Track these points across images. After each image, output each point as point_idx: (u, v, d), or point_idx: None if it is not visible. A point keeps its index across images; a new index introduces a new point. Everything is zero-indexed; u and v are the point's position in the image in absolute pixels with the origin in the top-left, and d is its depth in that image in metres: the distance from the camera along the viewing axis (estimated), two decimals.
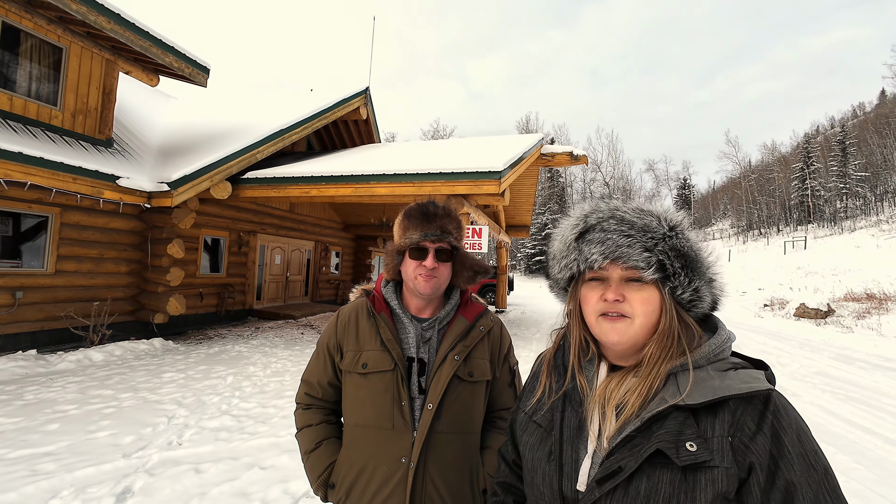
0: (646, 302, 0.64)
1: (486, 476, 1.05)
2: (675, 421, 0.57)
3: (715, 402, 0.57)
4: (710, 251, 0.69)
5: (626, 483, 0.57)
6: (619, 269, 0.66)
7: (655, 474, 0.56)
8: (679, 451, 0.55)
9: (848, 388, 5.33)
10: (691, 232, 0.68)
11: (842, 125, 45.24)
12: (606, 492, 0.58)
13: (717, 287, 0.68)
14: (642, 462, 0.57)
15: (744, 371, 0.60)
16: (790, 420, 0.56)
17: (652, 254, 0.64)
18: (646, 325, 0.64)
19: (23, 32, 5.58)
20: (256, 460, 2.82)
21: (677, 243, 0.65)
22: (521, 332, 9.05)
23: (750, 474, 0.54)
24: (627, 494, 0.57)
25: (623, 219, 0.67)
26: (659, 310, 0.65)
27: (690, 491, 0.54)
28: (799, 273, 21.72)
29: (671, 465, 0.56)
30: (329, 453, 1.08)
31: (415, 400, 1.02)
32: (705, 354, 0.62)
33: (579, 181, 57.60)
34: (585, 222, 0.70)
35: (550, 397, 0.73)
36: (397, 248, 1.08)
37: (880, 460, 3.26)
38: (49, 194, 5.61)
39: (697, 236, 0.69)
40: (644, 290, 0.65)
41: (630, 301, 0.64)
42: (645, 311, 0.64)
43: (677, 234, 0.66)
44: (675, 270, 0.65)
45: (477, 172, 5.94)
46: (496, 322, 1.15)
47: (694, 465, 0.55)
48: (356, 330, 1.08)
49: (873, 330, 10.13)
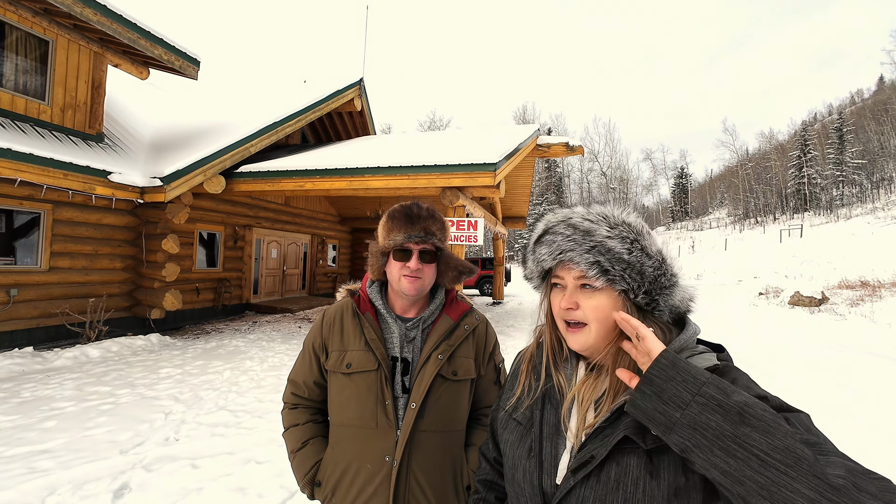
0: (597, 309, 0.66)
1: (469, 473, 1.06)
2: None
3: None
4: (662, 253, 0.68)
5: (598, 470, 0.60)
6: (573, 275, 0.68)
7: (624, 460, 0.59)
8: (645, 436, 0.58)
9: (840, 376, 5.40)
10: (641, 235, 0.67)
11: (839, 112, 45.09)
12: (580, 480, 0.61)
13: (680, 289, 0.67)
14: (612, 449, 0.60)
15: (699, 356, 0.64)
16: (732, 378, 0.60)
17: (591, 255, 0.65)
18: (601, 332, 0.66)
19: (7, 25, 5.47)
20: (253, 455, 2.84)
21: (615, 245, 0.65)
22: (517, 324, 9.10)
23: None
24: (599, 481, 0.60)
25: (571, 222, 0.69)
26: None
27: (655, 471, 0.58)
28: (794, 261, 21.86)
29: (638, 449, 0.59)
30: (315, 452, 1.09)
31: (398, 399, 1.03)
32: (674, 349, 0.64)
33: (576, 171, 57.50)
34: (545, 227, 0.73)
35: (530, 396, 0.75)
36: (381, 250, 1.08)
37: (872, 448, 3.32)
38: (40, 191, 5.56)
39: (645, 238, 0.67)
40: (595, 296, 0.66)
41: (583, 308, 0.67)
42: (597, 317, 0.66)
43: (615, 237, 0.66)
44: (618, 274, 0.64)
45: (472, 165, 5.91)
46: (481, 320, 1.16)
47: (658, 448, 0.58)
48: (341, 330, 1.09)
49: (866, 317, 10.23)
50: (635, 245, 0.66)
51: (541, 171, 48.63)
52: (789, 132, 52.45)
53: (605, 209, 0.70)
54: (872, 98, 48.73)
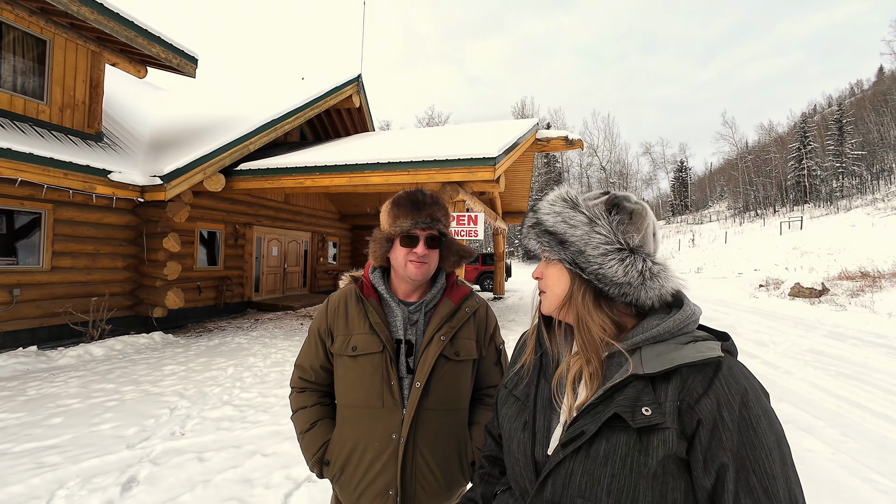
0: (548, 277, 0.73)
1: (473, 450, 1.10)
2: (634, 389, 0.61)
3: (671, 371, 0.61)
4: (595, 222, 0.68)
5: (588, 445, 0.62)
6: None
7: (613, 437, 0.60)
8: (634, 415, 0.59)
9: (839, 365, 5.43)
10: (572, 208, 0.69)
11: (839, 104, 44.91)
12: (570, 453, 0.63)
13: (630, 262, 0.65)
14: (602, 426, 0.61)
15: (702, 343, 0.62)
16: (738, 386, 0.58)
17: (534, 230, 0.73)
18: (554, 300, 0.72)
19: (4, 24, 5.47)
20: (258, 448, 2.87)
21: (545, 219, 0.71)
22: (518, 318, 9.12)
23: (695, 436, 0.58)
24: (588, 456, 0.61)
25: (536, 205, 0.76)
26: (569, 286, 0.70)
27: (644, 450, 0.58)
28: (794, 253, 21.87)
29: (628, 428, 0.60)
30: (323, 433, 1.12)
31: (403, 379, 1.06)
32: (668, 328, 0.64)
33: (576, 166, 57.38)
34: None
35: (529, 372, 0.77)
36: (386, 236, 1.10)
37: (868, 432, 3.35)
38: (41, 190, 5.57)
39: (574, 212, 0.69)
40: (549, 267, 0.73)
41: (546, 276, 0.73)
42: (551, 285, 0.72)
43: (548, 213, 0.71)
44: (545, 245, 0.70)
45: (472, 159, 5.91)
46: (481, 303, 1.19)
47: (647, 427, 0.59)
48: (346, 315, 1.12)
49: (866, 307, 10.26)
50: (560, 217, 0.69)
51: (540, 167, 48.55)
52: (789, 124, 52.27)
53: (562, 190, 0.74)
54: (872, 89, 48.46)
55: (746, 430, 0.55)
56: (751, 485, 0.54)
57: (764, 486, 0.53)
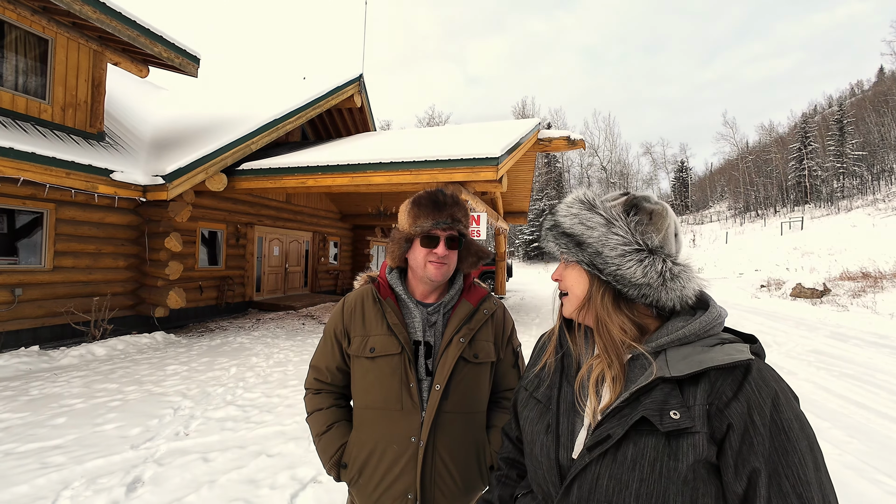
0: (570, 279, 0.72)
1: (492, 453, 1.08)
2: (662, 392, 0.60)
3: (699, 374, 0.59)
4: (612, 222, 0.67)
5: (615, 449, 0.61)
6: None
7: (641, 440, 0.59)
8: (663, 418, 0.58)
9: (842, 365, 5.42)
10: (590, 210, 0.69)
11: (839, 104, 44.88)
12: (596, 457, 0.62)
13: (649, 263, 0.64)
14: (629, 430, 0.60)
15: (729, 345, 0.61)
16: (768, 389, 0.57)
17: (552, 232, 0.73)
18: (574, 302, 0.72)
19: (6, 24, 5.45)
20: (263, 448, 2.87)
21: (563, 221, 0.71)
22: (520, 318, 9.12)
23: (725, 440, 0.57)
24: (616, 460, 0.60)
25: (554, 207, 0.76)
26: (588, 288, 0.70)
27: (673, 454, 0.57)
28: (796, 253, 21.86)
29: (656, 431, 0.59)
30: (340, 435, 1.11)
31: (422, 382, 1.05)
32: (695, 331, 0.63)
33: (576, 166, 57.35)
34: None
35: (550, 374, 0.76)
36: (406, 236, 1.08)
37: (873, 433, 3.34)
38: (43, 190, 5.56)
39: (591, 214, 0.69)
40: (568, 269, 0.73)
41: (565, 278, 0.74)
42: (570, 286, 0.72)
43: (565, 214, 0.71)
44: (563, 247, 0.70)
45: (474, 159, 5.90)
46: (499, 305, 1.18)
47: (676, 431, 0.58)
48: (362, 316, 1.10)
49: (868, 308, 10.25)
50: (577, 218, 0.69)
51: (541, 167, 48.50)
52: (789, 124, 52.19)
53: (580, 192, 0.74)
54: (873, 89, 48.43)
55: (778, 435, 0.54)
56: (784, 490, 0.53)
57: (798, 491, 0.52)
